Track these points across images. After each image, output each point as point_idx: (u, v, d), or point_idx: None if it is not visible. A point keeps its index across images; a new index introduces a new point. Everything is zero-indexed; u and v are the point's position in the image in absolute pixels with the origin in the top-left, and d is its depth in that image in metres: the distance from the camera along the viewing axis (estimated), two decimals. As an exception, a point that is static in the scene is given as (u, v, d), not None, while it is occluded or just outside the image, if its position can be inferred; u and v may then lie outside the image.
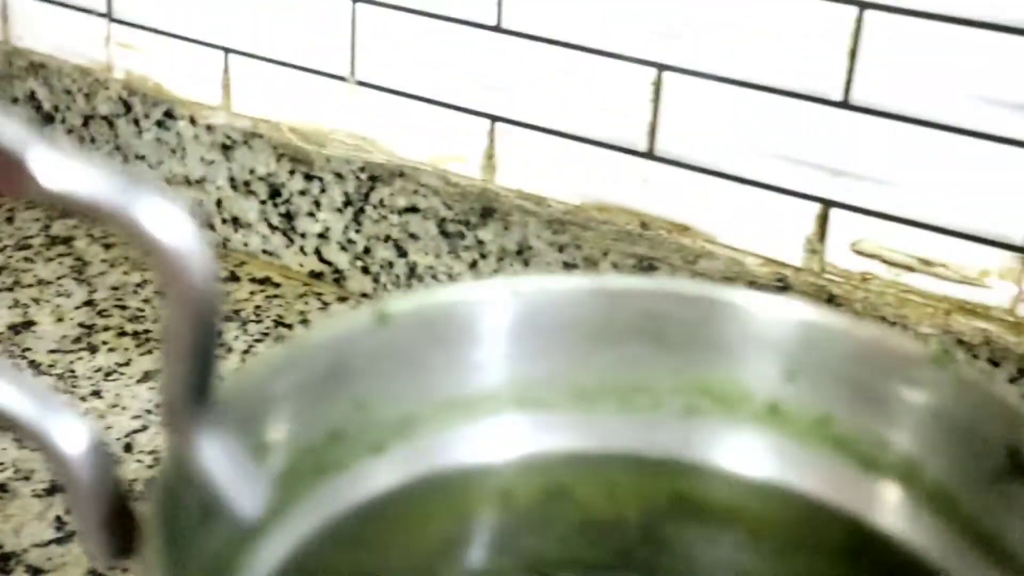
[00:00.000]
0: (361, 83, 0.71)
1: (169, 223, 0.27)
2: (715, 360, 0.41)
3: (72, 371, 0.63)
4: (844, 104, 0.58)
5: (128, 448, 0.58)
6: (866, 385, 0.39)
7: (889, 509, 0.39)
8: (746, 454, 0.41)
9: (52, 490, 0.54)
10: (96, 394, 0.62)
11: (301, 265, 0.75)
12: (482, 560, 0.40)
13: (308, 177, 0.73)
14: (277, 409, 0.36)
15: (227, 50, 0.75)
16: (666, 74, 0.61)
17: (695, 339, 0.40)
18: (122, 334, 0.67)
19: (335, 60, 0.72)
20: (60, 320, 0.68)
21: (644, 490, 0.41)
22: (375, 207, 0.71)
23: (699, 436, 0.41)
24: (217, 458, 0.30)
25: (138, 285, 0.72)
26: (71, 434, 0.28)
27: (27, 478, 0.55)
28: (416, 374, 0.39)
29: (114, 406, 0.61)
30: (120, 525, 0.29)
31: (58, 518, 0.53)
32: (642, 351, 0.40)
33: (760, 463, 0.41)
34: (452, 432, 0.40)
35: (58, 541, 0.52)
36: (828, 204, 0.60)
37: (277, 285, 0.74)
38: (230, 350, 0.66)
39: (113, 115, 0.80)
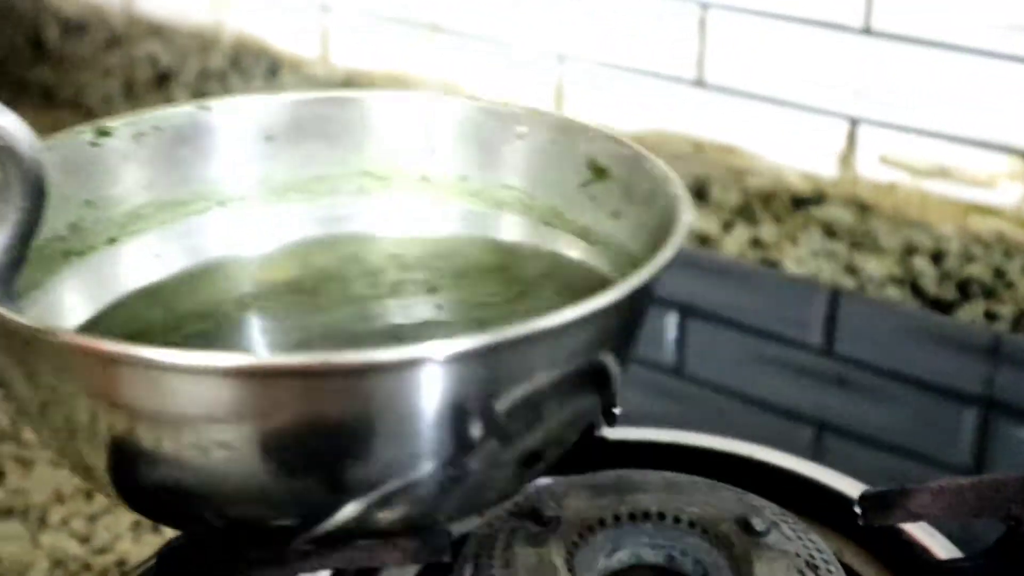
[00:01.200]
0: (442, 31, 0.79)
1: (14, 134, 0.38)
2: (372, 147, 0.51)
3: None
4: (866, 31, 0.65)
5: None
6: (487, 144, 0.49)
7: (516, 230, 0.49)
8: (410, 215, 0.51)
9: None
10: None
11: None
12: (257, 323, 0.49)
13: (399, 118, 0.81)
14: None
15: (323, 8, 0.84)
16: (710, 11, 0.69)
17: (354, 133, 0.50)
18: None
19: (418, 10, 0.79)
20: None
21: (333, 255, 0.50)
22: (459, 142, 0.79)
23: (372, 209, 0.51)
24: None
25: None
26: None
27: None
28: (136, 179, 0.49)
29: None
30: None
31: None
32: (316, 148, 0.50)
33: (420, 220, 0.51)
34: (173, 226, 0.49)
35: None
36: (856, 122, 0.67)
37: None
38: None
39: (223, 71, 0.89)
